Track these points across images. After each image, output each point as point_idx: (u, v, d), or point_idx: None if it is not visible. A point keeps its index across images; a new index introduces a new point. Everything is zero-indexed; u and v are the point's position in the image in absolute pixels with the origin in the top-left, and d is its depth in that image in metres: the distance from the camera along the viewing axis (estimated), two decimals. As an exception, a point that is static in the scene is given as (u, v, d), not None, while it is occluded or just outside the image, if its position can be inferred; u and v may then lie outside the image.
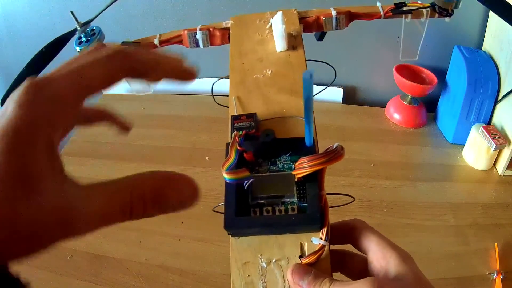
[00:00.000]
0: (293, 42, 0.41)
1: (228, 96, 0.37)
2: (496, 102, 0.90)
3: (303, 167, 0.28)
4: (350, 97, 1.14)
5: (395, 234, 0.73)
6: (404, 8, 0.48)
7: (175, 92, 1.15)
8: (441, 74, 1.00)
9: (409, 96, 1.01)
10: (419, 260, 0.30)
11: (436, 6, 0.48)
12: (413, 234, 0.74)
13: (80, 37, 0.47)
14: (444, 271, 0.68)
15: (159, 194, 0.19)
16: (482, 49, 0.98)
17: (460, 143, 0.95)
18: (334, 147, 0.27)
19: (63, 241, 0.17)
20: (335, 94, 1.10)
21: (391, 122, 1.04)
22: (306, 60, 0.40)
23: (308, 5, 0.49)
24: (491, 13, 0.94)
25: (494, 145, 0.83)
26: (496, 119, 0.91)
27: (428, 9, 0.48)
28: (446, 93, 1.01)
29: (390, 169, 0.89)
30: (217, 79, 0.47)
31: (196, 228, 0.74)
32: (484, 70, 0.91)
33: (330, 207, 0.29)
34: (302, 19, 0.46)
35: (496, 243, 0.72)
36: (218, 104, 0.43)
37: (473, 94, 0.90)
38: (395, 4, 0.48)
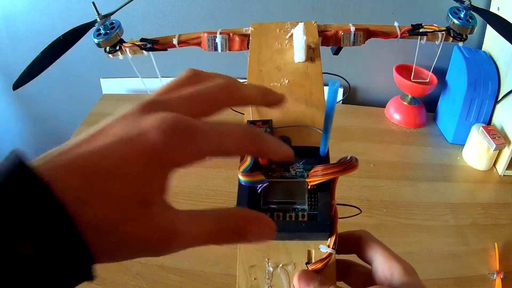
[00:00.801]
0: (311, 54, 0.41)
1: None
2: (496, 102, 0.90)
3: (316, 175, 0.28)
4: (350, 97, 1.14)
5: (395, 234, 0.73)
6: (421, 30, 0.48)
7: (175, 92, 1.15)
8: (441, 74, 1.00)
9: (409, 96, 1.01)
10: (419, 260, 0.30)
11: (451, 30, 0.48)
12: (413, 234, 0.74)
13: (98, 29, 0.47)
14: (444, 271, 0.68)
15: (242, 228, 0.21)
16: (482, 49, 0.98)
17: (460, 143, 0.95)
18: (348, 158, 0.28)
19: (157, 256, 0.20)
20: (335, 94, 1.10)
21: (391, 122, 1.04)
22: (323, 73, 0.40)
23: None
24: (491, 13, 0.94)
25: (494, 145, 0.83)
26: (496, 119, 0.91)
27: (443, 32, 0.48)
28: (446, 93, 1.01)
29: (390, 169, 0.89)
30: None
31: (196, 228, 0.74)
32: (484, 70, 0.91)
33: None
34: (321, 32, 0.46)
35: (496, 243, 0.72)
36: (232, 110, 0.43)
37: (473, 94, 0.90)
38: (412, 25, 0.48)
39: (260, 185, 0.29)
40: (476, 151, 0.89)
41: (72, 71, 1.15)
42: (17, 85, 0.44)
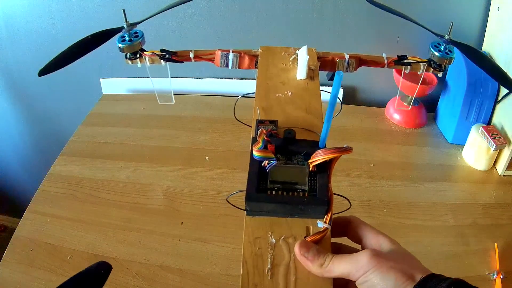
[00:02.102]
0: (311, 74, 0.48)
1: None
2: (496, 102, 0.90)
3: (318, 156, 0.33)
4: (350, 97, 1.14)
5: (395, 234, 0.73)
6: (405, 61, 0.54)
7: (175, 92, 1.15)
8: (441, 74, 1.00)
9: (409, 96, 1.01)
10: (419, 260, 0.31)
11: (431, 62, 0.53)
12: (413, 234, 0.74)
13: (123, 36, 0.51)
14: (444, 271, 0.68)
15: None
16: (482, 49, 0.98)
17: (460, 143, 0.95)
18: (345, 146, 0.32)
19: None
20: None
21: (391, 122, 1.04)
22: (321, 90, 0.46)
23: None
24: (491, 14, 0.94)
25: (494, 145, 0.83)
26: (496, 119, 0.91)
27: (425, 63, 0.54)
28: (446, 93, 1.01)
29: (390, 169, 0.89)
30: (241, 96, 0.52)
31: (196, 228, 0.74)
32: (484, 70, 0.91)
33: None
34: (320, 58, 0.53)
35: (496, 243, 0.72)
36: (238, 121, 0.48)
37: (473, 94, 0.90)
38: (398, 56, 0.54)
39: (270, 164, 0.34)
40: (476, 151, 0.89)
41: (72, 71, 1.15)
42: (43, 72, 0.48)
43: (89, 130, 1.00)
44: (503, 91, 0.88)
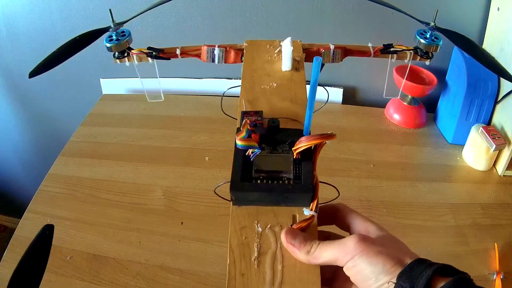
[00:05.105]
0: (297, 65, 0.48)
1: (221, 97, 0.45)
2: (496, 102, 0.90)
3: (301, 143, 0.33)
4: (350, 97, 1.14)
5: (395, 234, 0.73)
6: (391, 49, 0.54)
7: (175, 92, 1.15)
8: (441, 74, 1.00)
9: (409, 96, 1.02)
10: (418, 260, 0.31)
11: (418, 50, 0.53)
12: (413, 234, 0.74)
13: (111, 35, 0.51)
14: (444, 272, 0.68)
15: None
16: (482, 50, 0.99)
17: (460, 144, 0.95)
18: (329, 132, 0.32)
19: None
20: (335, 94, 1.10)
21: (391, 122, 1.04)
22: (306, 81, 0.45)
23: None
24: (491, 13, 0.94)
25: (494, 146, 0.83)
26: (496, 120, 0.91)
27: (411, 51, 0.54)
28: (446, 93, 1.01)
29: (390, 170, 0.89)
30: (227, 88, 0.52)
31: (196, 228, 0.74)
32: (484, 70, 0.90)
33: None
34: (305, 49, 0.53)
35: (495, 244, 0.72)
36: (226, 114, 0.48)
37: (473, 95, 0.90)
38: (384, 45, 0.54)
39: (254, 153, 0.34)
40: (476, 151, 0.89)
41: (72, 71, 1.15)
42: (33, 74, 0.48)
43: (89, 130, 1.00)
44: (503, 91, 0.88)
